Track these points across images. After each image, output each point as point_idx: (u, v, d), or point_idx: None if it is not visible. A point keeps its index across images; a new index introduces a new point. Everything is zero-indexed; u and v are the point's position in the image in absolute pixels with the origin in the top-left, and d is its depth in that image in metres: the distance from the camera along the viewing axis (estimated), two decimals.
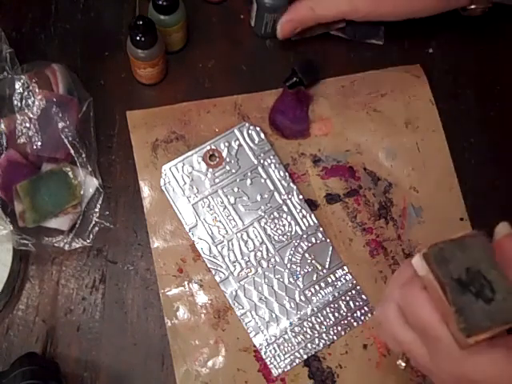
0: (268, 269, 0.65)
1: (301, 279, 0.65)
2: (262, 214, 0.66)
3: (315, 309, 0.64)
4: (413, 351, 0.41)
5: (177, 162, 0.67)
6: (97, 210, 0.66)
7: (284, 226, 0.66)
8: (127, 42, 0.65)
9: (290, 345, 0.63)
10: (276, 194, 0.67)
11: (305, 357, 0.63)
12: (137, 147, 0.68)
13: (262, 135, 0.68)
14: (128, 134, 0.69)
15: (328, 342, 0.63)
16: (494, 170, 0.70)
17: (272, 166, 0.67)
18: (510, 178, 0.70)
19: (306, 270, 0.65)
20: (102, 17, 0.74)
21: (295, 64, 0.70)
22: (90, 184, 0.65)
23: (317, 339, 0.63)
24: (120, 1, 0.74)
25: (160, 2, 0.65)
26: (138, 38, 0.63)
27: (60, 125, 0.63)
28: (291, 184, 0.67)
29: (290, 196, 0.67)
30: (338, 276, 0.65)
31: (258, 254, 0.65)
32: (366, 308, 0.65)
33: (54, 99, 0.63)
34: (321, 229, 0.66)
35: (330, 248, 0.66)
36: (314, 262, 0.65)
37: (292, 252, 0.65)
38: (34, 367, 0.54)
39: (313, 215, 0.66)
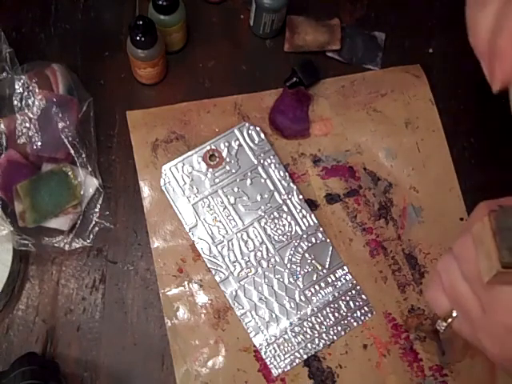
0: (268, 269, 0.65)
1: (301, 279, 0.65)
2: (262, 214, 0.66)
3: (315, 309, 0.64)
4: (467, 303, 0.40)
5: (177, 161, 0.67)
6: (97, 210, 0.66)
7: (284, 225, 0.66)
8: (127, 42, 0.65)
9: (289, 345, 0.63)
10: (276, 193, 0.67)
11: (305, 357, 0.63)
12: (137, 147, 0.68)
13: (262, 135, 0.68)
14: (128, 134, 0.69)
15: (328, 342, 0.63)
16: (494, 170, 0.70)
17: (272, 166, 0.67)
18: (510, 177, 0.70)
19: (306, 270, 0.65)
20: (101, 17, 0.74)
21: (295, 64, 0.70)
22: (90, 184, 0.66)
23: (317, 339, 0.63)
24: (120, 1, 0.74)
25: (160, 2, 0.65)
26: (137, 38, 0.63)
27: (60, 125, 0.63)
28: (291, 184, 0.67)
29: (290, 196, 0.67)
30: (338, 276, 0.65)
31: (258, 253, 0.65)
32: (365, 308, 0.65)
33: (54, 99, 0.63)
34: (321, 229, 0.66)
35: (330, 248, 0.66)
36: (314, 261, 0.65)
37: (292, 252, 0.65)
38: (34, 367, 0.54)
39: (313, 215, 0.66)
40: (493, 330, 0.38)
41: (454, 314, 0.42)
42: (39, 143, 0.63)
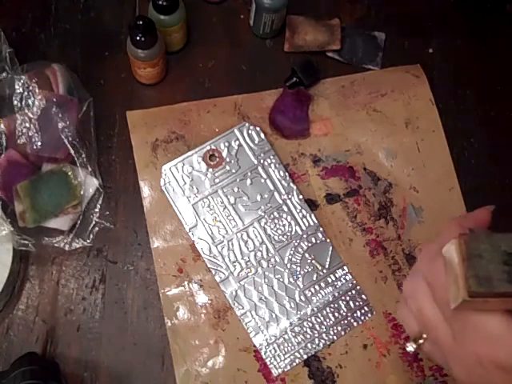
0: (268, 269, 0.65)
1: (301, 279, 0.65)
2: (262, 214, 0.66)
3: (315, 309, 0.64)
4: (437, 329, 0.39)
5: (177, 161, 0.67)
6: (97, 210, 0.66)
7: (284, 225, 0.66)
8: (127, 42, 0.65)
9: (289, 345, 0.63)
10: (276, 194, 0.67)
11: (305, 357, 0.63)
12: (137, 147, 0.68)
13: (262, 135, 0.68)
14: (128, 134, 0.69)
15: (328, 342, 0.63)
16: (493, 170, 0.70)
17: (272, 166, 0.67)
18: (510, 177, 0.70)
19: (305, 270, 0.65)
20: (102, 17, 0.74)
21: (295, 64, 0.70)
22: (90, 184, 0.65)
23: (317, 339, 0.63)
24: (120, 1, 0.74)
25: (160, 2, 0.65)
26: (138, 38, 0.63)
27: (60, 125, 0.63)
28: (291, 184, 0.67)
29: (290, 196, 0.67)
30: (338, 276, 0.65)
31: (258, 254, 0.65)
32: (365, 308, 0.65)
33: (54, 99, 0.63)
34: (321, 229, 0.66)
35: (330, 248, 0.66)
36: (314, 261, 0.65)
37: (292, 252, 0.65)
38: (34, 367, 0.54)
39: (313, 215, 0.66)
40: (462, 359, 0.38)
41: (425, 336, 0.41)
42: (39, 143, 0.63)
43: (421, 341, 0.41)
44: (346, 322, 0.64)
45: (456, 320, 0.37)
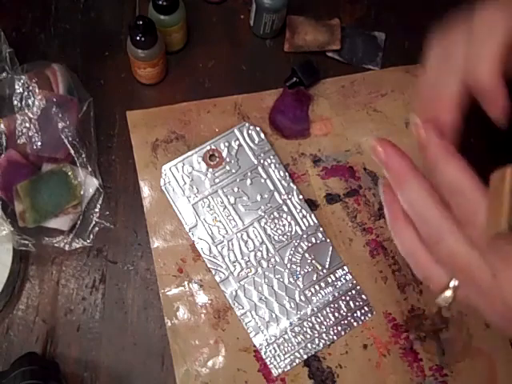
0: (268, 269, 0.65)
1: (301, 279, 0.65)
2: (262, 214, 0.66)
3: (315, 309, 0.64)
4: (473, 269, 0.37)
5: (177, 161, 0.67)
6: (97, 210, 0.66)
7: (284, 226, 0.66)
8: (127, 42, 0.65)
9: (289, 345, 0.63)
10: (276, 194, 0.67)
11: (305, 357, 0.63)
12: (137, 147, 0.68)
13: (262, 135, 0.68)
14: (128, 134, 0.69)
15: (328, 342, 0.63)
16: (493, 170, 0.70)
17: (272, 166, 0.67)
18: None
19: (305, 270, 0.65)
20: (102, 17, 0.74)
21: (295, 64, 0.70)
22: (90, 184, 0.66)
23: (317, 339, 0.63)
24: (120, 1, 0.74)
25: (160, 2, 0.65)
26: (138, 38, 0.63)
27: (60, 125, 0.63)
28: (291, 184, 0.67)
29: (290, 196, 0.67)
30: (338, 276, 0.65)
31: (258, 254, 0.65)
32: (365, 308, 0.65)
33: (54, 99, 0.63)
34: (321, 229, 0.66)
35: (330, 248, 0.66)
36: (314, 261, 0.65)
37: (292, 252, 0.65)
38: (34, 367, 0.54)
39: (313, 215, 0.66)
40: (502, 296, 0.36)
41: (452, 284, 0.38)
42: (39, 143, 0.63)
43: (451, 292, 0.38)
44: (346, 322, 0.64)
45: (494, 253, 0.36)
